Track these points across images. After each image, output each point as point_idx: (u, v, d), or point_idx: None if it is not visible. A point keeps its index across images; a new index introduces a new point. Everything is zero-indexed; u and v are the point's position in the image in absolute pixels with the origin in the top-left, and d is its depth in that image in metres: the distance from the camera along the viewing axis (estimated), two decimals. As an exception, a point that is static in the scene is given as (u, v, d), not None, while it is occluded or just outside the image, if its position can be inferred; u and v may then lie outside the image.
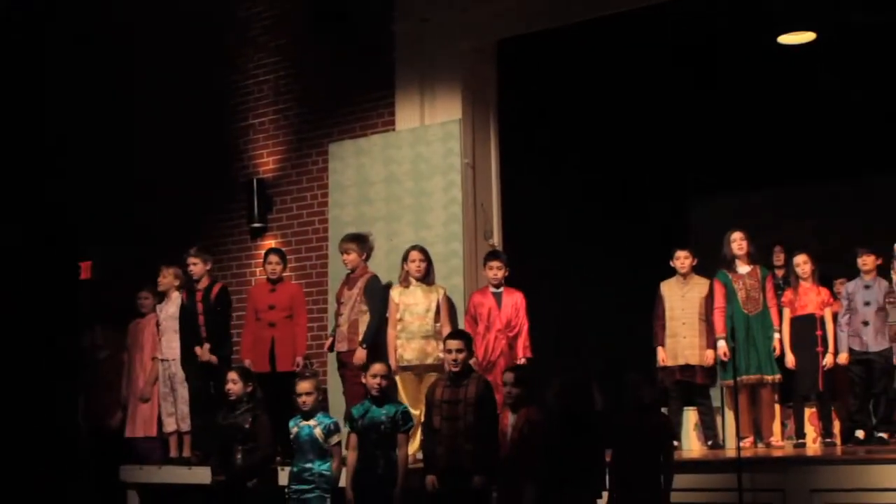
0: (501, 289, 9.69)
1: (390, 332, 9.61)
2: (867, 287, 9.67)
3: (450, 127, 10.49)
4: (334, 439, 8.46)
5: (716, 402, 10.28)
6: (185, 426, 10.55)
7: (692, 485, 8.45)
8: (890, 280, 8.99)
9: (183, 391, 10.51)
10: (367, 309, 9.72)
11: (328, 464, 8.43)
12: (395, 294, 9.66)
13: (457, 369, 8.19)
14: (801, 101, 12.35)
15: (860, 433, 9.70)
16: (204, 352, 10.17)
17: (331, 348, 10.02)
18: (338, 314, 9.92)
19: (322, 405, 8.94)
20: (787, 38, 11.70)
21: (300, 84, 11.82)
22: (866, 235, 10.37)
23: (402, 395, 9.48)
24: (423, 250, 9.70)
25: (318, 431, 8.45)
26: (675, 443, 9.77)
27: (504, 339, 9.54)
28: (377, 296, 9.75)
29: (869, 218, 11.13)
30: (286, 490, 8.50)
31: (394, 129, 10.96)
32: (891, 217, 8.78)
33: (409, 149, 10.68)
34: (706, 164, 13.31)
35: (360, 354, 9.50)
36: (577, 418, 7.79)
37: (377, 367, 8.49)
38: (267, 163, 11.89)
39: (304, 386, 8.57)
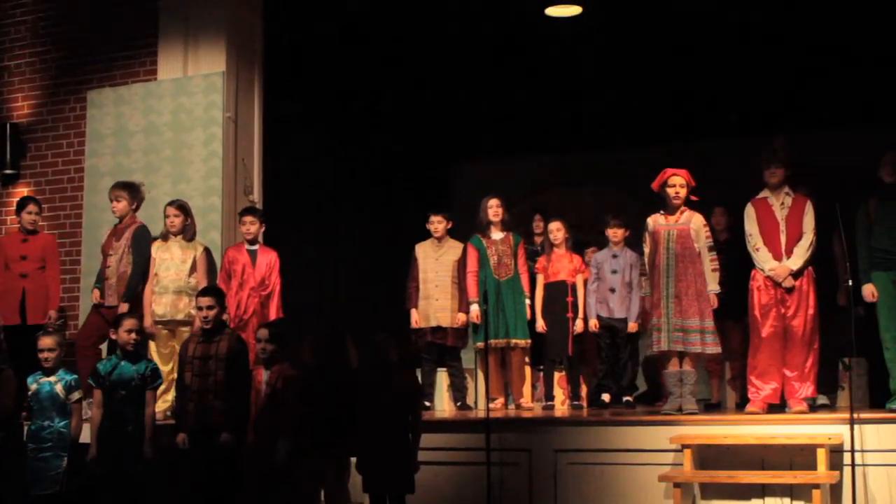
0: (257, 246, 9.64)
1: (147, 287, 9.44)
2: (615, 256, 9.97)
3: (213, 79, 10.33)
4: (75, 396, 8.25)
5: (471, 364, 10.48)
6: None
7: (443, 444, 8.61)
8: (641, 252, 9.29)
9: None
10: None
11: (67, 421, 8.21)
12: (154, 249, 9.49)
13: (208, 326, 8.14)
14: (566, 73, 12.60)
15: (606, 397, 10.02)
16: None
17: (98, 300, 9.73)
18: (105, 266, 9.65)
19: (65, 361, 8.67)
20: (553, 11, 11.87)
21: (60, 27, 11.39)
22: (620, 206, 10.67)
23: (155, 351, 9.32)
24: (180, 206, 9.54)
25: (59, 388, 8.21)
26: (428, 403, 9.96)
27: (257, 298, 9.50)
28: (143, 247, 9.54)
29: (624, 189, 11.47)
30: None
31: (156, 79, 10.71)
32: (644, 189, 9.07)
33: (170, 99, 10.48)
34: (471, 130, 13.45)
35: (124, 308, 9.26)
36: (331, 375, 7.83)
37: (130, 322, 8.30)
38: (22, 107, 11.44)
39: (46, 342, 8.30)
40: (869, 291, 8.52)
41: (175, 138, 10.41)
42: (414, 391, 7.95)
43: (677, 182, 8.83)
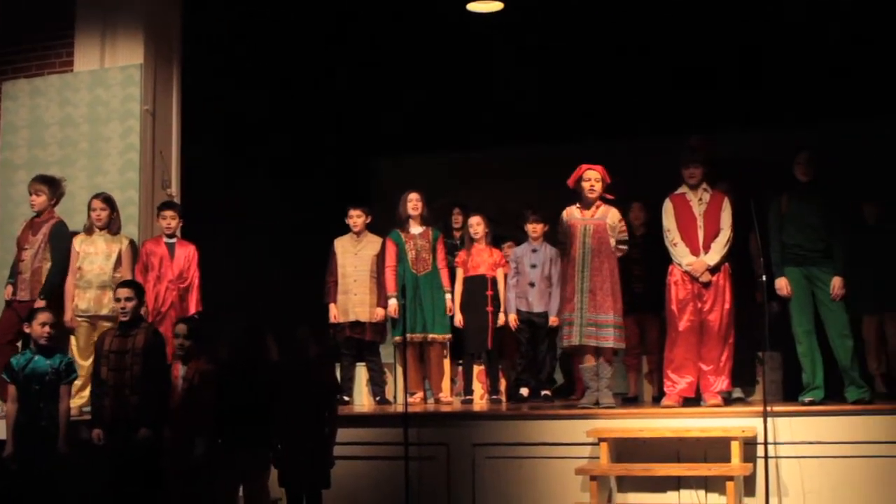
0: (175, 239, 9.57)
1: (69, 280, 9.30)
2: (534, 251, 10.05)
3: (130, 71, 10.22)
4: (-14, 391, 8.14)
5: (390, 359, 10.49)
6: None
7: (361, 439, 8.65)
8: (559, 244, 9.39)
9: None
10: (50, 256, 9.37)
11: (-22, 417, 8.10)
12: (77, 242, 9.37)
13: (126, 318, 8.07)
14: (488, 68, 12.62)
15: (524, 391, 10.08)
16: None
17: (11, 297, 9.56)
18: (19, 260, 9.49)
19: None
20: (475, 6, 11.90)
21: (-27, 18, 11.19)
22: (540, 201, 10.72)
23: (75, 345, 9.21)
24: (107, 199, 9.44)
25: (-31, 383, 8.10)
26: (347, 398, 9.97)
27: (175, 291, 9.42)
28: (62, 243, 9.38)
29: (544, 184, 11.51)
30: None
31: (72, 71, 10.56)
32: (559, 183, 9.18)
33: (87, 91, 10.34)
34: (392, 124, 13.43)
35: (40, 305, 9.09)
36: (250, 370, 7.79)
37: (45, 316, 8.19)
38: (-66, 98, 11.21)
39: None
40: (782, 286, 8.66)
41: (91, 131, 10.27)
42: (331, 386, 7.96)
43: (592, 176, 8.94)
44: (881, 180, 10.02)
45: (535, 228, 10.07)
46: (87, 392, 9.03)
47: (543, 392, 10.05)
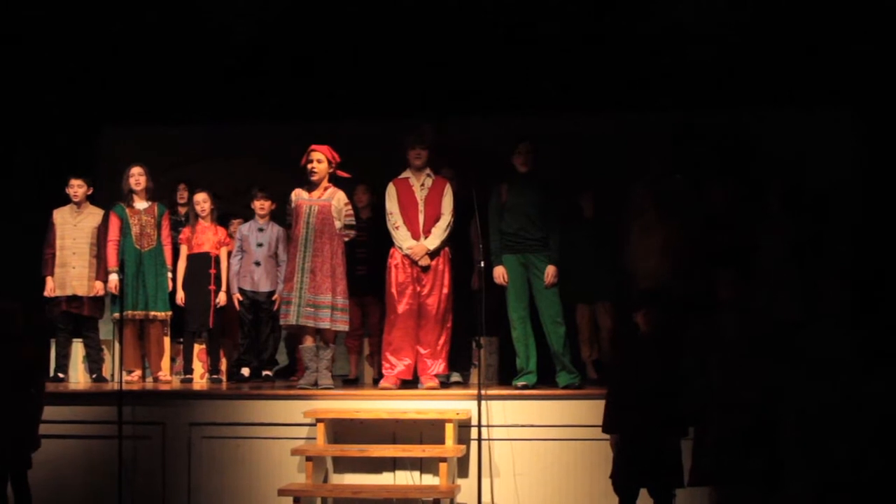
0: None
1: None
2: (261, 230, 10.00)
3: None
4: None
5: (109, 336, 10.26)
6: None
7: (75, 417, 8.51)
8: (287, 225, 9.38)
9: None
10: None
11: None
12: None
13: None
14: (219, 40, 12.40)
15: (245, 371, 10.05)
16: None
17: None
18: None
19: None
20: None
21: None
22: (268, 179, 10.67)
23: None
24: None
25: None
26: (62, 375, 9.72)
27: None
28: None
29: (273, 162, 11.44)
30: None
31: None
32: (294, 164, 9.17)
33: None
34: (121, 92, 13.02)
35: None
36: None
37: None
38: None
39: None
40: (499, 273, 8.89)
41: None
42: (36, 364, 7.77)
43: (315, 157, 8.98)
44: (599, 175, 10.36)
45: (262, 206, 10.03)
46: None
47: (265, 372, 10.04)
